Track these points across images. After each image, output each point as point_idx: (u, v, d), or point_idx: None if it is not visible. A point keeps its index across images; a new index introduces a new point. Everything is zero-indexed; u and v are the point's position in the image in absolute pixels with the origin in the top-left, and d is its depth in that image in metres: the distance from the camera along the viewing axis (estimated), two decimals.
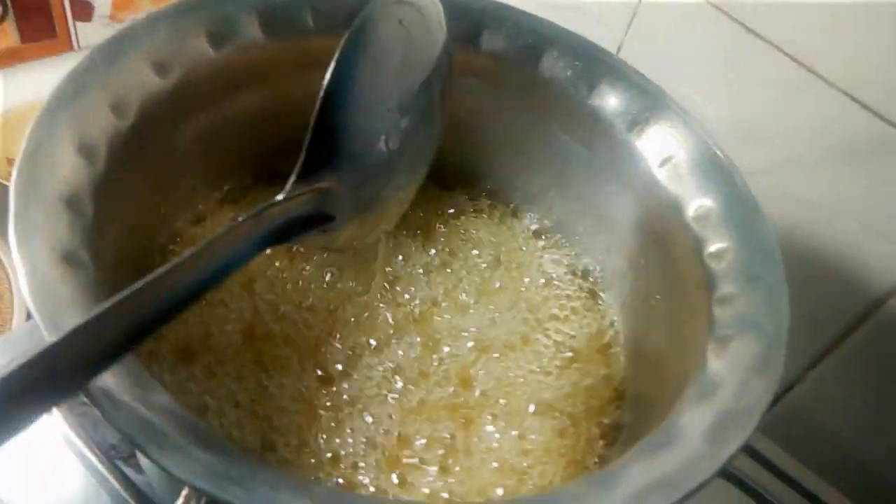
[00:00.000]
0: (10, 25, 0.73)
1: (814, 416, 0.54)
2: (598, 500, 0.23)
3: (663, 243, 0.36)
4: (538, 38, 0.39)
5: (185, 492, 0.34)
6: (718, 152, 0.35)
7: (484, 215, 0.44)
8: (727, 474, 0.46)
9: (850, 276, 0.48)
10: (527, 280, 0.42)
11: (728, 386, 0.27)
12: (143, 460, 0.38)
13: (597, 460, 0.35)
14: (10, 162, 0.69)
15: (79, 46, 0.78)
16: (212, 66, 0.35)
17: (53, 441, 0.40)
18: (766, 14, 0.43)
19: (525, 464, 0.34)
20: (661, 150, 0.36)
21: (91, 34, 0.77)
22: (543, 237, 0.44)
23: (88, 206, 0.27)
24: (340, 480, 0.32)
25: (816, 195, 0.47)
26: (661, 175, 0.36)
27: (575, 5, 0.52)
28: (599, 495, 0.23)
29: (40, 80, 0.76)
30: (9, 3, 0.71)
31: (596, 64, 0.38)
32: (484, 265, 0.42)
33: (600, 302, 0.41)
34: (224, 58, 0.35)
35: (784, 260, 0.32)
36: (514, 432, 0.35)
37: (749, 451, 0.49)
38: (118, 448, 0.39)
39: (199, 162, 0.37)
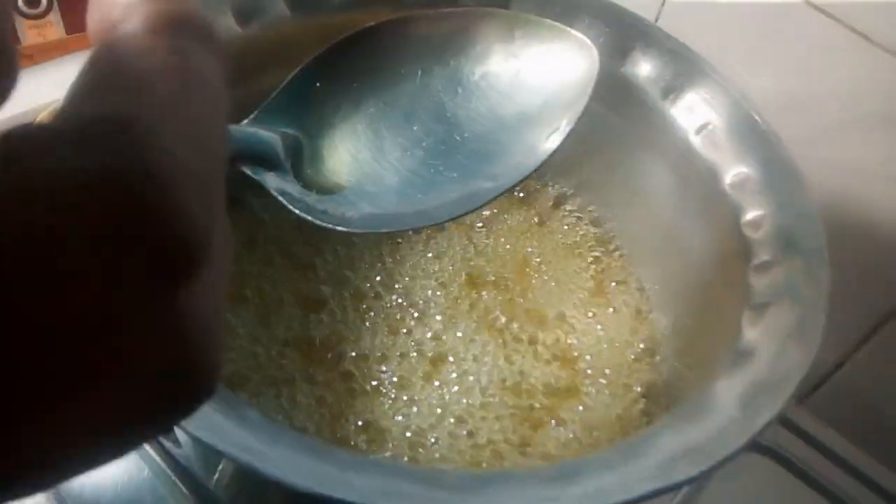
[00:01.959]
0: (54, 17, 0.75)
1: (863, 394, 0.53)
2: (627, 468, 0.22)
3: (699, 212, 0.35)
4: (568, 6, 0.38)
5: (221, 465, 0.34)
6: (757, 118, 0.34)
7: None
8: (776, 455, 0.45)
9: None
10: (557, 253, 0.41)
11: (763, 354, 0.27)
12: (180, 434, 0.39)
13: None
14: None
15: None
16: (239, 44, 0.35)
17: None
18: None
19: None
20: (697, 117, 0.35)
21: None
22: (573, 207, 0.43)
23: None
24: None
25: (865, 163, 0.45)
26: (697, 142, 0.35)
27: None
28: (629, 463, 0.23)
29: None
30: None
31: (628, 30, 0.38)
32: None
33: (632, 274, 0.41)
34: (251, 35, 0.35)
35: (830, 231, 0.31)
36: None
37: (797, 431, 0.47)
38: None
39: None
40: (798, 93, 0.46)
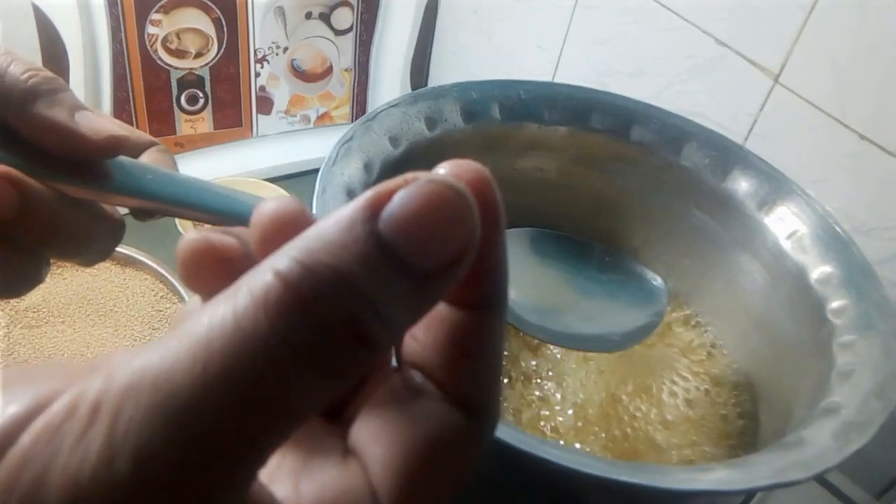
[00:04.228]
0: (206, 115, 0.88)
1: None
2: (748, 469, 0.29)
3: (789, 304, 0.43)
4: (680, 132, 0.48)
5: None
6: (837, 228, 0.42)
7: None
8: None
9: None
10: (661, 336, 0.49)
11: (849, 406, 0.34)
12: None
13: None
14: (196, 225, 0.81)
15: (257, 134, 0.91)
16: (426, 143, 0.45)
17: None
18: (879, 121, 0.51)
19: None
20: (787, 225, 0.44)
21: (268, 126, 0.91)
22: (673, 298, 0.51)
23: None
24: None
25: None
26: (787, 246, 0.43)
27: (699, 112, 0.61)
28: (749, 468, 0.30)
29: (223, 160, 0.90)
30: (209, 96, 0.86)
31: (729, 154, 0.47)
32: None
33: (727, 354, 0.48)
34: (434, 137, 0.45)
35: None
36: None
37: None
38: None
39: None
40: (861, 220, 0.54)
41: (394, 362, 0.17)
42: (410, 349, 0.16)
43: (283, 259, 0.13)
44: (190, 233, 0.16)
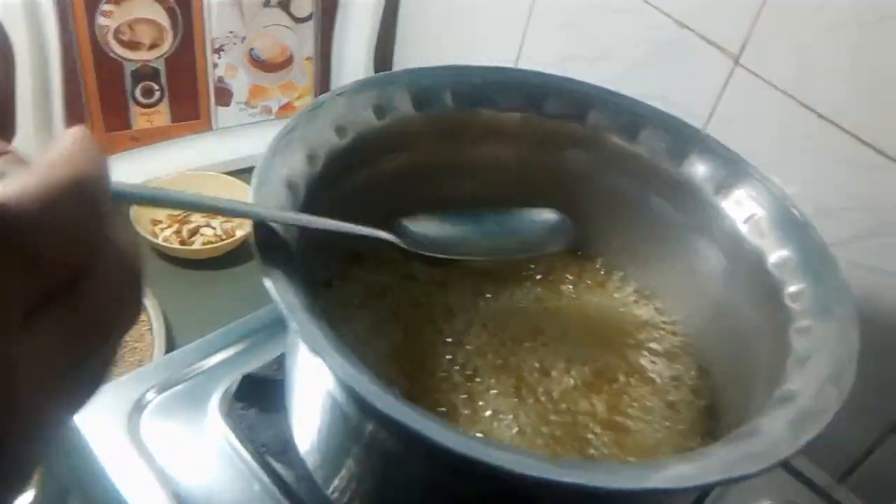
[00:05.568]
0: (163, 107, 0.85)
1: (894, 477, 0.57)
2: (701, 464, 0.29)
3: (747, 288, 0.42)
4: (636, 117, 0.47)
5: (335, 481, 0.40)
6: (795, 211, 0.42)
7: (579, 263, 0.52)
8: None
9: None
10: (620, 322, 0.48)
11: (805, 393, 0.33)
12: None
13: None
14: (154, 222, 0.79)
15: (217, 127, 0.89)
16: (375, 132, 0.43)
17: (214, 439, 0.47)
18: (840, 102, 0.50)
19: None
20: (744, 209, 0.43)
21: (228, 117, 0.89)
22: (633, 285, 0.51)
23: (294, 230, 0.35)
24: None
25: (889, 266, 0.52)
26: (745, 230, 0.43)
27: (662, 95, 0.60)
28: (701, 462, 0.29)
29: (182, 154, 0.88)
30: (165, 88, 0.84)
31: (686, 137, 0.46)
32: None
33: (686, 340, 0.47)
34: (384, 126, 0.44)
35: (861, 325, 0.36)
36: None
37: None
38: (269, 446, 0.46)
39: (357, 208, 0.46)
40: (823, 202, 0.53)
41: None
42: None
43: None
44: None
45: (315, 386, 0.37)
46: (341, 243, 0.46)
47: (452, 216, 0.45)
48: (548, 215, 0.48)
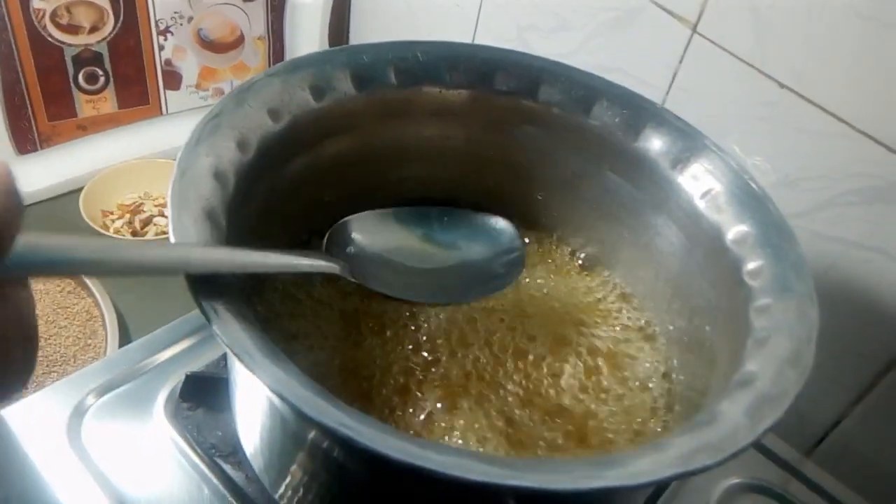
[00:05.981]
0: (109, 94, 0.82)
1: (861, 448, 0.57)
2: (655, 458, 0.27)
3: (705, 265, 0.40)
4: (589, 90, 0.45)
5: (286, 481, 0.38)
6: (753, 184, 0.40)
7: (536, 244, 0.50)
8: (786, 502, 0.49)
9: (890, 311, 0.51)
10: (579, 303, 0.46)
11: (764, 376, 0.31)
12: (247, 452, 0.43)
13: None
14: (104, 213, 0.77)
15: (167, 112, 0.86)
16: (313, 114, 0.41)
17: (161, 442, 0.45)
18: (800, 70, 0.49)
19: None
20: (701, 184, 0.41)
21: (178, 102, 0.86)
22: (590, 265, 0.49)
23: (222, 219, 0.33)
24: None
25: (852, 235, 0.51)
26: (702, 206, 0.41)
27: (620, 67, 0.58)
28: (656, 455, 0.27)
29: (132, 141, 0.85)
30: (109, 73, 0.80)
31: (641, 111, 0.44)
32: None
33: (646, 319, 0.46)
34: (322, 107, 0.42)
35: (823, 298, 0.35)
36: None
37: (806, 481, 0.51)
38: (217, 447, 0.44)
39: (297, 197, 0.43)
40: (785, 171, 0.52)
41: None
42: None
43: None
44: None
45: (254, 389, 0.35)
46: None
47: (397, 215, 0.44)
48: (501, 224, 0.48)
